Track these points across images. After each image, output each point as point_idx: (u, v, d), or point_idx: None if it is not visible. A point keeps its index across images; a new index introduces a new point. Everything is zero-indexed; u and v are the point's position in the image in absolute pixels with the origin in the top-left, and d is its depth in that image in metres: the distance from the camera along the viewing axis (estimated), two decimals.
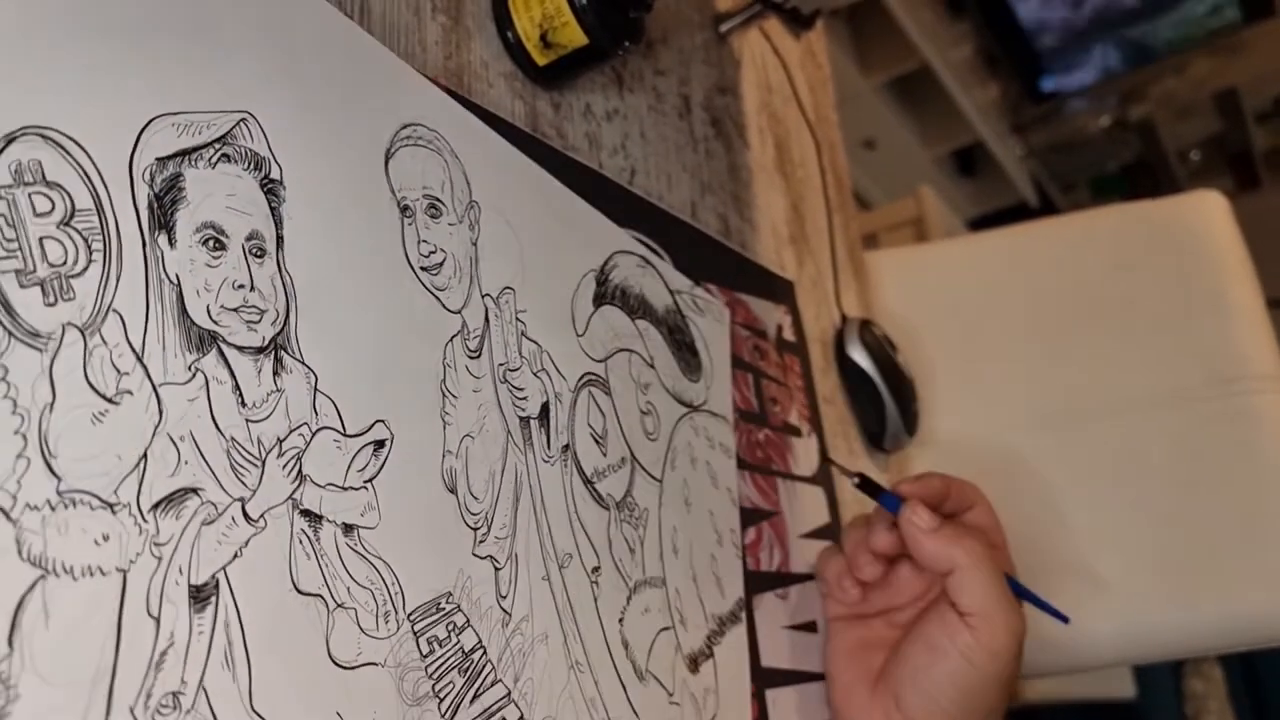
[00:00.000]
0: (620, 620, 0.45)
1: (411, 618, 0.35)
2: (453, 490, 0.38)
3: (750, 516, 0.57)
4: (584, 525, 0.45)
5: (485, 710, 0.37)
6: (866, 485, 0.56)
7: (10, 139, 0.27)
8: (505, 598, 0.39)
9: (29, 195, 0.27)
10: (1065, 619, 0.54)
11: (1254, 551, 0.86)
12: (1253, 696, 1.93)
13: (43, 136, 0.28)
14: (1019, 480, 0.95)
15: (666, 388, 0.54)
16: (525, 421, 0.44)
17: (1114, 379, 0.97)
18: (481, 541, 0.39)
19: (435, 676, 0.35)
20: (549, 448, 0.45)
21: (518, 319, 0.45)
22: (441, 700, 0.35)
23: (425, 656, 0.35)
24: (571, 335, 0.48)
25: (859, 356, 0.78)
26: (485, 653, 0.38)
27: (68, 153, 0.29)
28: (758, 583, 0.56)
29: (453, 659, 0.36)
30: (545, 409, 0.45)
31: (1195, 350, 0.95)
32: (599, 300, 0.51)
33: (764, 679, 0.53)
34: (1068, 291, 1.03)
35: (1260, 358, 0.93)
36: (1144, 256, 1.02)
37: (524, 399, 0.44)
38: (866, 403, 0.79)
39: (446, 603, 0.37)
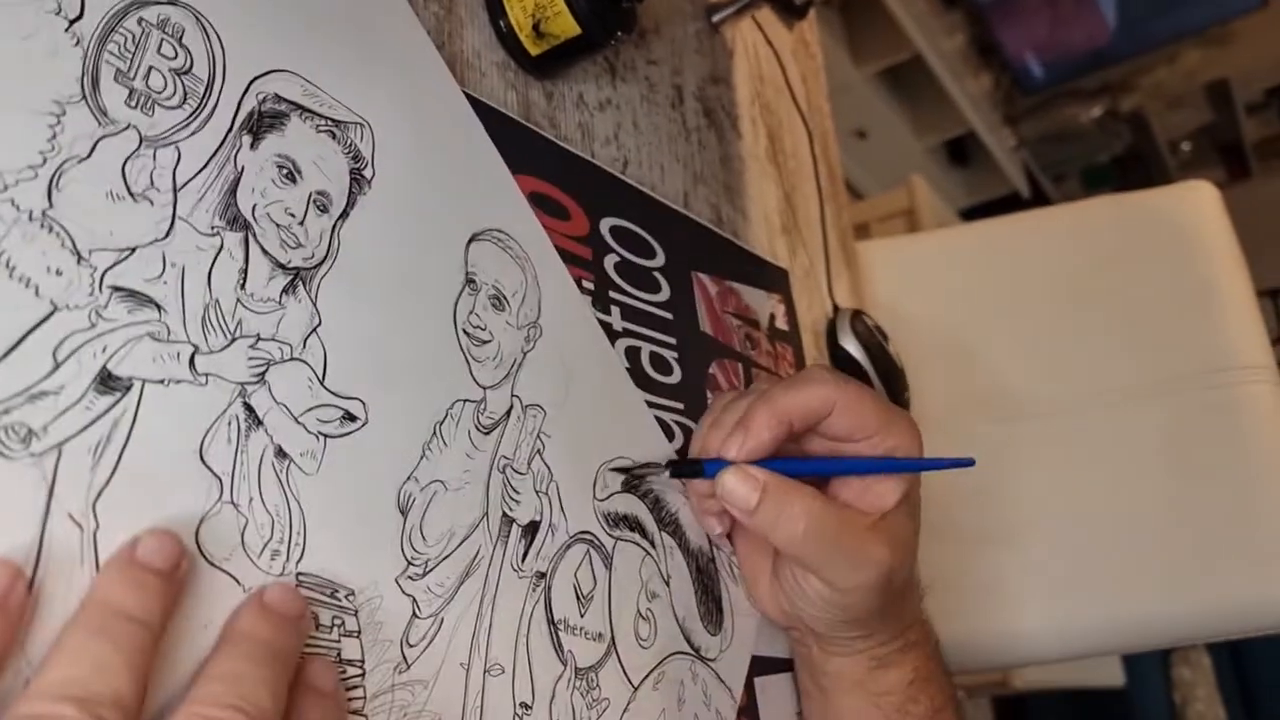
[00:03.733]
0: None
1: (300, 577, 0.33)
2: (403, 513, 0.38)
3: None
4: (530, 656, 0.41)
5: None
6: (681, 469, 0.51)
7: (172, 2, 0.34)
8: (413, 647, 0.36)
9: (161, 39, 0.33)
10: (970, 462, 0.50)
11: (1242, 541, 0.86)
12: (1240, 683, 1.94)
13: (197, 17, 0.35)
14: (1009, 469, 0.95)
15: (676, 616, 0.50)
16: (508, 521, 0.42)
17: (1104, 369, 0.97)
18: (412, 579, 0.37)
19: None
20: (522, 562, 0.42)
21: (540, 436, 0.45)
22: None
23: None
24: (589, 493, 0.47)
25: (851, 346, 0.79)
26: (363, 675, 0.34)
27: (209, 38, 0.35)
28: None
29: (323, 650, 0.33)
30: (534, 527, 0.43)
31: (1186, 340, 0.95)
32: (629, 488, 0.49)
33: (752, 667, 0.54)
34: (1059, 281, 1.03)
35: (1250, 348, 0.93)
36: (1135, 247, 1.02)
37: (517, 502, 0.43)
38: None
39: (347, 598, 0.35)
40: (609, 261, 0.53)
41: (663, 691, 0.47)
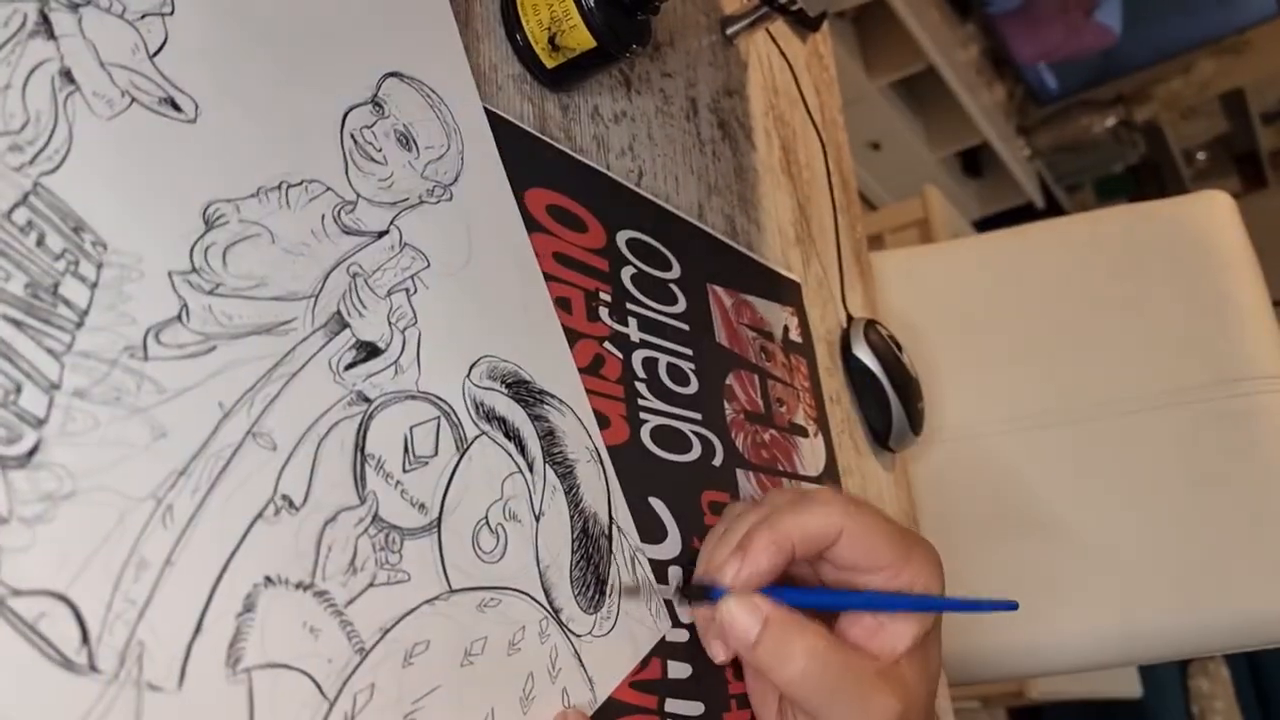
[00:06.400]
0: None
1: (39, 189, 0.28)
2: (207, 225, 0.32)
3: None
4: (316, 462, 0.33)
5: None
6: (692, 593, 0.46)
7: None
8: (162, 346, 0.30)
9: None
10: (1013, 606, 0.46)
11: (1260, 551, 0.86)
12: (1259, 695, 1.93)
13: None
14: (1024, 479, 0.95)
15: (538, 558, 0.41)
16: (341, 322, 0.36)
17: (1119, 379, 0.97)
18: (191, 285, 0.31)
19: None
20: (344, 371, 0.35)
21: (415, 279, 0.39)
22: None
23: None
24: (462, 369, 0.40)
25: (865, 356, 0.79)
26: (78, 326, 0.28)
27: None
28: None
29: (35, 267, 0.28)
30: (374, 350, 0.37)
31: (1201, 350, 0.95)
32: (519, 400, 0.42)
33: None
34: (1073, 292, 1.03)
35: (1266, 358, 0.93)
36: (1150, 257, 1.02)
37: (360, 315, 0.36)
38: (872, 402, 0.80)
39: (93, 246, 0.29)
40: (625, 274, 0.54)
41: (492, 620, 0.38)
